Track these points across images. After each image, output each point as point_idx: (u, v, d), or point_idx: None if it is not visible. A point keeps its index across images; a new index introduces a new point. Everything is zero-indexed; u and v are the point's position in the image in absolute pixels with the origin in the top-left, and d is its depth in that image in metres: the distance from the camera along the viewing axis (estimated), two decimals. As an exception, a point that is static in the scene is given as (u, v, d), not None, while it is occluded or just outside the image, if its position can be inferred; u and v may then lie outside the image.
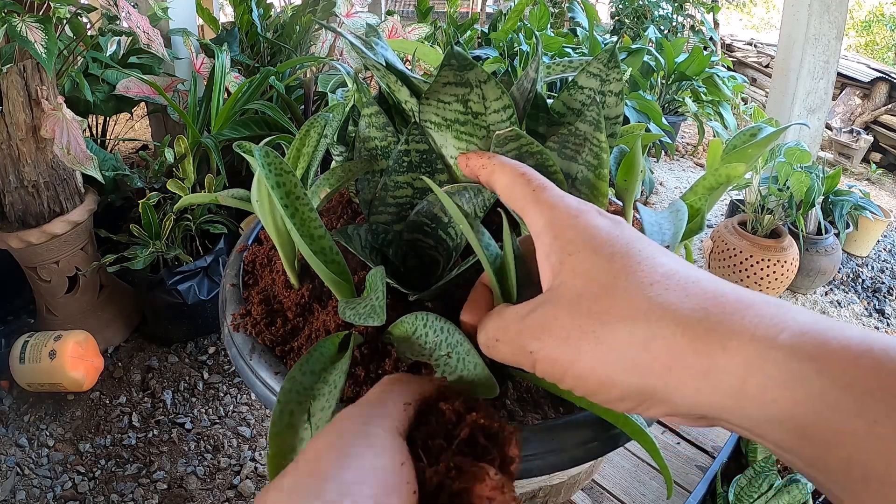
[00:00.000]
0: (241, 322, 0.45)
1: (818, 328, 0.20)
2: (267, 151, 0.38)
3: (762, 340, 0.20)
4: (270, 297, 0.47)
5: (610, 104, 0.44)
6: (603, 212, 0.27)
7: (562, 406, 0.38)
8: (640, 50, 2.51)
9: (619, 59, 0.42)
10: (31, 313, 1.70)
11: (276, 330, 0.43)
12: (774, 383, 0.19)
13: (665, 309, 0.22)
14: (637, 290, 0.23)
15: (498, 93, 0.40)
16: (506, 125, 0.42)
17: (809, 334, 0.20)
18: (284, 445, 0.31)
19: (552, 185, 0.29)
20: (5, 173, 1.35)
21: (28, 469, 1.31)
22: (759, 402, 0.20)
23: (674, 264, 0.24)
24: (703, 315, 0.21)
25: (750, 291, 0.22)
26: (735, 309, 0.21)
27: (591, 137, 0.41)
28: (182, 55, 1.90)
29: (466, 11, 4.30)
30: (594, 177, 0.41)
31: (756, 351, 0.20)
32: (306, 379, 0.34)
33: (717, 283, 0.23)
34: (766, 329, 0.20)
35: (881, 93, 3.71)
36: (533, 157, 0.40)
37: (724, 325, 0.21)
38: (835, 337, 0.19)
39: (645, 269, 0.24)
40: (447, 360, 0.34)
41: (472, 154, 0.34)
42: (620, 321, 0.23)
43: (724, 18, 6.26)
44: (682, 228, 0.35)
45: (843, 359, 0.19)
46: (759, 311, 0.21)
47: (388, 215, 0.46)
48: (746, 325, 0.21)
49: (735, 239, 1.93)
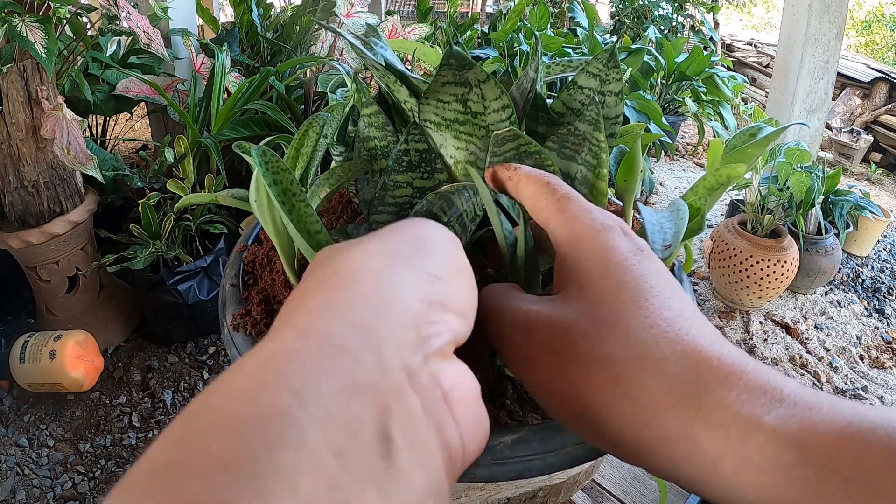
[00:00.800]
0: (241, 322, 0.45)
1: (806, 404, 0.19)
2: (264, 150, 0.38)
3: (747, 420, 0.19)
4: (270, 296, 0.47)
5: (609, 104, 0.44)
6: (628, 230, 0.26)
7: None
8: (640, 50, 2.51)
9: (618, 59, 0.42)
10: (31, 313, 1.70)
11: (275, 329, 0.43)
12: (754, 469, 0.19)
13: (657, 361, 0.21)
14: (635, 331, 0.22)
15: (497, 92, 0.40)
16: (505, 125, 0.42)
17: (796, 417, 0.19)
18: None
19: (577, 195, 0.28)
20: (5, 173, 1.35)
21: (28, 469, 1.31)
22: (733, 483, 0.19)
23: (680, 310, 0.23)
24: (692, 379, 0.21)
25: (742, 354, 0.22)
26: (727, 376, 0.20)
27: (590, 137, 0.41)
28: (182, 55, 1.90)
29: (466, 11, 4.30)
30: (593, 176, 0.41)
31: (738, 432, 0.19)
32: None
33: (715, 342, 0.22)
34: (752, 406, 0.20)
35: (881, 93, 3.71)
36: (531, 157, 0.40)
37: (710, 397, 0.20)
38: (822, 420, 0.19)
39: (650, 309, 0.23)
40: None
41: (498, 167, 0.33)
42: (610, 359, 0.22)
43: (724, 18, 6.26)
44: (684, 228, 0.35)
45: (829, 444, 0.18)
46: (749, 383, 0.20)
47: (388, 215, 0.46)
48: (733, 401, 0.20)
49: (735, 239, 1.93)
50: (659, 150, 2.69)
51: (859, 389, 1.69)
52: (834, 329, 1.97)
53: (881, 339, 1.95)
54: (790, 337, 1.91)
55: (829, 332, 1.95)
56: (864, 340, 1.93)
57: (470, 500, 0.45)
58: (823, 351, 1.86)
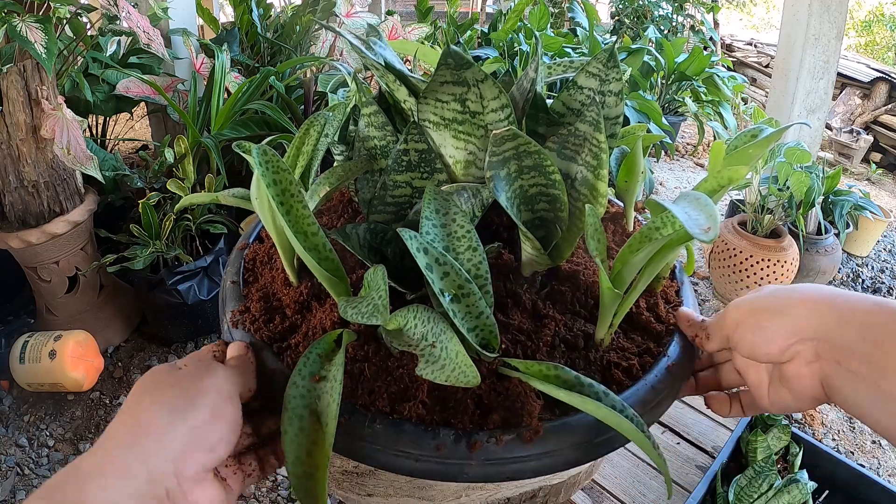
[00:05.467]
0: (241, 318, 0.45)
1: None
2: (264, 150, 0.38)
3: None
4: (270, 294, 0.47)
5: (610, 104, 0.44)
6: None
7: (557, 408, 0.38)
8: (640, 50, 2.51)
9: (618, 59, 0.42)
10: (31, 313, 1.70)
11: (274, 326, 0.43)
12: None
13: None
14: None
15: (496, 92, 0.40)
16: (503, 125, 0.42)
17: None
18: (300, 451, 0.33)
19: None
20: (5, 173, 1.35)
21: (28, 469, 1.31)
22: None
23: None
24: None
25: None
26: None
27: (590, 138, 0.41)
28: (182, 55, 1.90)
29: (466, 11, 4.30)
30: (593, 177, 0.41)
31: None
32: (307, 383, 0.35)
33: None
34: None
35: (881, 93, 3.71)
36: (531, 157, 0.40)
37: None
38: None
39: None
40: (431, 351, 0.35)
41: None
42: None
43: (724, 18, 6.26)
44: (714, 210, 0.35)
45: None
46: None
47: (388, 214, 0.46)
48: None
49: (735, 239, 1.93)
50: (659, 150, 2.69)
51: (859, 389, 1.69)
52: (834, 329, 1.97)
53: (881, 339, 1.94)
54: (790, 337, 1.91)
55: (829, 332, 1.95)
56: (864, 340, 1.93)
57: (470, 499, 0.45)
58: (823, 351, 1.86)
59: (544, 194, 0.42)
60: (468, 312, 0.37)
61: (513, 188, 0.42)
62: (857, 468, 1.14)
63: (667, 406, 0.42)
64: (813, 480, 1.12)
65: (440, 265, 0.36)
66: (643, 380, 0.41)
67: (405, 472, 0.36)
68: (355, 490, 0.54)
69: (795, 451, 1.19)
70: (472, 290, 0.36)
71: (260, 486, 1.30)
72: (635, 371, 0.42)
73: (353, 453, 0.37)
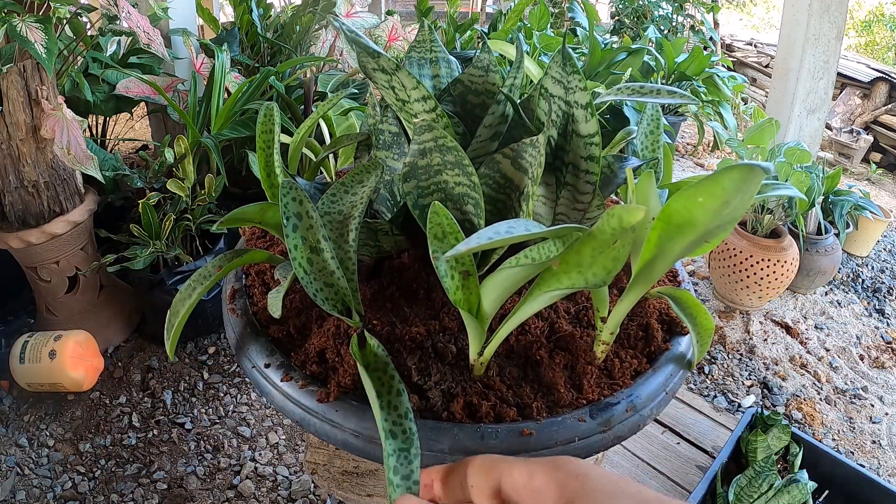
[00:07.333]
0: (237, 303, 0.48)
1: None
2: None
3: None
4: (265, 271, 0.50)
5: (579, 118, 0.40)
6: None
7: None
8: (640, 50, 2.51)
9: (576, 65, 0.39)
10: (31, 313, 1.70)
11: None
12: None
13: None
14: None
15: (413, 82, 0.40)
16: (430, 116, 0.42)
17: None
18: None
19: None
20: (5, 173, 1.35)
21: (28, 469, 1.31)
22: None
23: None
24: None
25: None
26: None
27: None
28: (182, 55, 1.90)
29: (466, 11, 4.30)
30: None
31: None
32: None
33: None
34: None
35: (881, 93, 3.71)
36: (450, 153, 0.39)
37: None
38: None
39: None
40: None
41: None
42: None
43: (724, 18, 6.26)
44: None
45: None
46: None
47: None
48: None
49: (735, 239, 1.93)
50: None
51: (859, 389, 1.69)
52: (834, 329, 1.97)
53: (881, 339, 1.95)
54: (790, 337, 1.91)
55: (829, 332, 1.95)
56: (864, 340, 1.93)
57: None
58: (823, 351, 1.86)
59: (470, 196, 0.41)
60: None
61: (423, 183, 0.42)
62: (857, 468, 1.14)
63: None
64: (813, 480, 1.12)
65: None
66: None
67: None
68: (355, 490, 0.54)
69: (795, 451, 1.19)
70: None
71: (260, 486, 1.31)
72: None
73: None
